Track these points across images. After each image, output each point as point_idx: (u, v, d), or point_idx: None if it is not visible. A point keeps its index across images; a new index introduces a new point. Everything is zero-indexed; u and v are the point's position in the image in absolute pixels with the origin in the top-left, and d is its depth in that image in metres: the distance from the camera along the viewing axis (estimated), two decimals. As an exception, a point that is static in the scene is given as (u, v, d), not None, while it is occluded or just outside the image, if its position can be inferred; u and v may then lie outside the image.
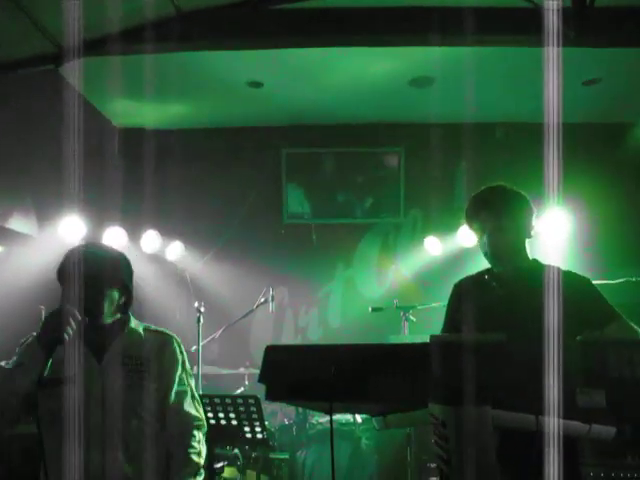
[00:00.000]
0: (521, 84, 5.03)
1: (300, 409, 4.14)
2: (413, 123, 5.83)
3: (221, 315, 4.88)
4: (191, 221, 5.68)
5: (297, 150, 6.04)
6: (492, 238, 2.36)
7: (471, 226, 2.45)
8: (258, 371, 4.56)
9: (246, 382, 4.58)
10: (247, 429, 3.07)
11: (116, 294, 2.20)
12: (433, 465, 4.19)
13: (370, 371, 1.58)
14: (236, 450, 3.55)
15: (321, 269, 5.90)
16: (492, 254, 2.39)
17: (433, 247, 5.62)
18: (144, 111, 5.66)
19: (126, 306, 2.25)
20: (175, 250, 5.63)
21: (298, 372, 1.68)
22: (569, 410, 1.55)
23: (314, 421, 4.17)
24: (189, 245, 5.71)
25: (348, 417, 4.13)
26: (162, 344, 2.25)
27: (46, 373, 1.94)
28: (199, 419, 2.28)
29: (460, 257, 5.36)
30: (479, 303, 2.35)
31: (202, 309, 3.83)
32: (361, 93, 5.33)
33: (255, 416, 3.03)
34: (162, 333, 2.29)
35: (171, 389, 2.22)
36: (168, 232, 5.58)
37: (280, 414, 4.55)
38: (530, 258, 2.45)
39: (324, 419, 4.15)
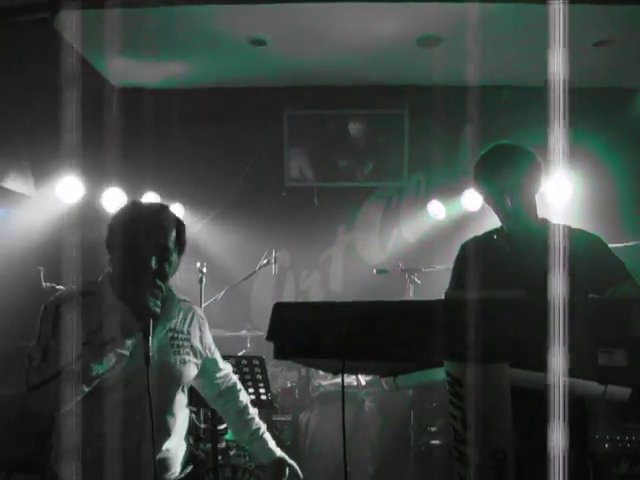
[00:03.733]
0: (529, 44, 4.89)
1: (303, 371, 4.12)
2: (418, 85, 5.70)
3: (222, 278, 4.84)
4: (191, 183, 5.60)
5: (299, 112, 5.92)
6: (513, 197, 2.29)
7: (488, 186, 2.37)
8: (260, 333, 4.52)
9: (248, 345, 4.55)
10: (251, 390, 3.03)
11: (176, 259, 2.02)
12: (434, 429, 4.19)
13: (383, 328, 1.52)
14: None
15: (323, 232, 5.85)
16: (512, 213, 2.33)
17: (437, 211, 5.55)
18: (142, 70, 5.52)
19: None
20: (175, 212, 5.55)
21: (308, 330, 1.61)
22: (585, 370, 1.51)
23: (316, 383, 4.15)
24: (189, 207, 5.63)
25: (351, 379, 4.11)
26: (189, 313, 2.14)
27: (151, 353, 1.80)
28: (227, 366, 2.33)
29: (464, 221, 5.31)
30: (488, 262, 2.30)
31: (204, 269, 3.77)
32: (367, 52, 5.19)
33: (259, 377, 2.99)
34: (186, 301, 2.18)
35: (214, 362, 2.23)
36: (168, 194, 5.49)
37: (281, 377, 4.53)
38: (539, 217, 2.41)
39: (327, 381, 4.13)
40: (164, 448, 1.97)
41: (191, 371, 2.07)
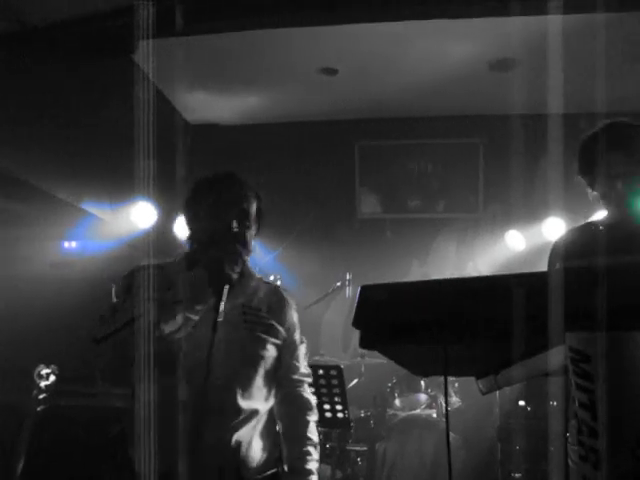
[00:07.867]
0: (611, 66, 4.68)
1: (378, 399, 3.87)
2: (492, 113, 5.55)
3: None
4: (264, 213, 5.55)
5: (370, 143, 5.86)
6: (626, 183, 2.07)
7: (591, 170, 2.15)
8: (332, 359, 4.28)
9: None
10: (327, 406, 2.81)
11: (254, 232, 1.97)
12: (519, 475, 3.89)
13: (490, 305, 1.34)
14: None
15: (395, 266, 5.65)
16: (623, 201, 2.10)
17: (515, 241, 5.30)
18: (215, 105, 5.61)
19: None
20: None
21: (401, 313, 1.45)
22: None
23: (392, 412, 3.88)
24: (262, 237, 5.56)
25: (432, 410, 3.84)
26: (280, 298, 2.04)
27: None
28: (310, 375, 2.11)
29: (546, 252, 5.02)
30: (591, 251, 2.07)
31: (279, 282, 3.65)
32: (439, 80, 5.08)
33: (337, 390, 2.75)
34: (276, 286, 2.12)
35: (292, 348, 2.02)
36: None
37: (351, 407, 4.29)
38: None
39: (404, 413, 3.87)
40: (234, 439, 1.79)
41: (268, 351, 1.91)
